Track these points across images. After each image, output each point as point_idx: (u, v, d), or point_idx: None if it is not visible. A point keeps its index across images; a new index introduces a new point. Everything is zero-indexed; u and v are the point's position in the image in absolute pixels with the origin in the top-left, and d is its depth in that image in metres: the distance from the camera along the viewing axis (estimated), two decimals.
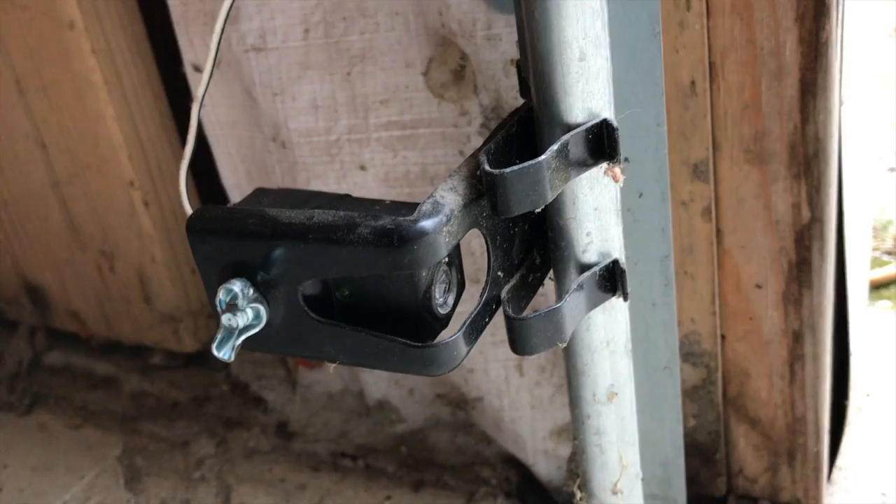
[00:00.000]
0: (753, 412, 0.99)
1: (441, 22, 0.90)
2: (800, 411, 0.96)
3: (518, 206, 0.55)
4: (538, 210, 0.57)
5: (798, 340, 0.92)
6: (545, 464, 1.13)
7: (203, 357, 1.46)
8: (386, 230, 0.52)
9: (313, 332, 0.58)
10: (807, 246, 0.86)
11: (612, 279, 0.63)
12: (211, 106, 1.10)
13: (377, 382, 1.26)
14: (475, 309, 0.59)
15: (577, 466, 0.76)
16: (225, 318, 0.57)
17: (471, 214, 0.57)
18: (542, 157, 0.55)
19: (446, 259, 0.59)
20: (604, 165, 0.59)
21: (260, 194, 0.65)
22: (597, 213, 0.61)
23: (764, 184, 0.85)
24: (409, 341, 0.56)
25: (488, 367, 1.09)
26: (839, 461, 1.08)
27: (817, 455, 0.98)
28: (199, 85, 1.11)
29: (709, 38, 0.81)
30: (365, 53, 0.96)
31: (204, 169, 1.33)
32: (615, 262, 0.63)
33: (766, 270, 0.90)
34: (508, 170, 0.54)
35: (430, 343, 0.56)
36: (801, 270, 0.88)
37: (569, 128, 0.57)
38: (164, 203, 1.33)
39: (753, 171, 0.85)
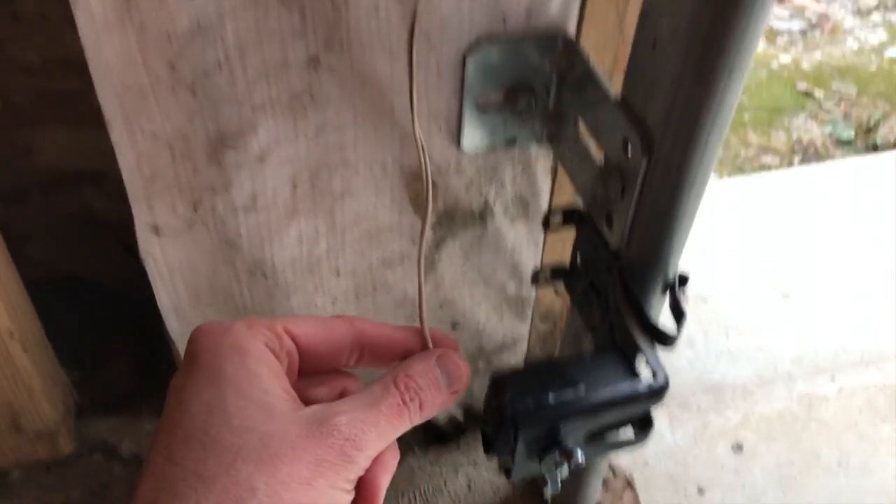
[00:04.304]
0: None
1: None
2: None
3: None
4: None
5: None
6: None
7: (77, 455, 1.43)
8: (658, 389, 0.92)
9: None
10: None
11: None
12: (161, 254, 1.15)
13: None
14: None
15: None
16: (559, 475, 0.92)
17: None
18: None
19: None
20: None
21: (504, 383, 0.94)
22: None
23: None
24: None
25: None
26: None
27: None
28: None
29: None
30: (345, 192, 1.16)
31: None
32: None
33: None
34: None
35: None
36: None
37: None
38: (30, 336, 1.26)
39: None
